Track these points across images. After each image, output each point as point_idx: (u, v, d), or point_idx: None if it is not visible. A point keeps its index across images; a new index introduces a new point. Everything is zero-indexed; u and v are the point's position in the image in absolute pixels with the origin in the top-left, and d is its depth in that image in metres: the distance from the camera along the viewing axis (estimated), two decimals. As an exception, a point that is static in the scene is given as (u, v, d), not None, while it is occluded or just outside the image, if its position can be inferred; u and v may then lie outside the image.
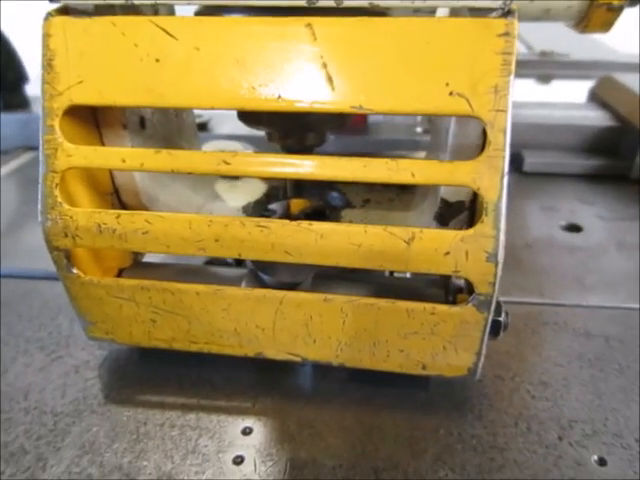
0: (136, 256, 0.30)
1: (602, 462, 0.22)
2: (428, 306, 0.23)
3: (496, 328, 0.25)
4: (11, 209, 0.45)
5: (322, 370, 0.27)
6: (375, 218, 0.33)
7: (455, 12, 0.25)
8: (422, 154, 0.39)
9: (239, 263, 0.33)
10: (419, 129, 0.53)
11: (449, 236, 0.21)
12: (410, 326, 0.23)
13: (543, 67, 0.83)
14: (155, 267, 0.29)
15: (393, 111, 0.21)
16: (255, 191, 0.38)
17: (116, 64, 0.22)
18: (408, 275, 0.30)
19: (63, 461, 0.23)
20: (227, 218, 0.22)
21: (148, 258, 0.31)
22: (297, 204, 0.33)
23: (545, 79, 0.85)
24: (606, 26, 0.43)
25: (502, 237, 0.21)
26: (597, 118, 0.50)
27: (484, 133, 0.21)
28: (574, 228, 0.40)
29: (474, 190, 0.21)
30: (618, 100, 0.50)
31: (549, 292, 0.33)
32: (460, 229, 0.22)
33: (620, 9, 0.41)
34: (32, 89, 0.61)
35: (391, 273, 0.32)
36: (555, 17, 0.43)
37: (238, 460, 0.23)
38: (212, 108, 0.23)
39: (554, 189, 0.45)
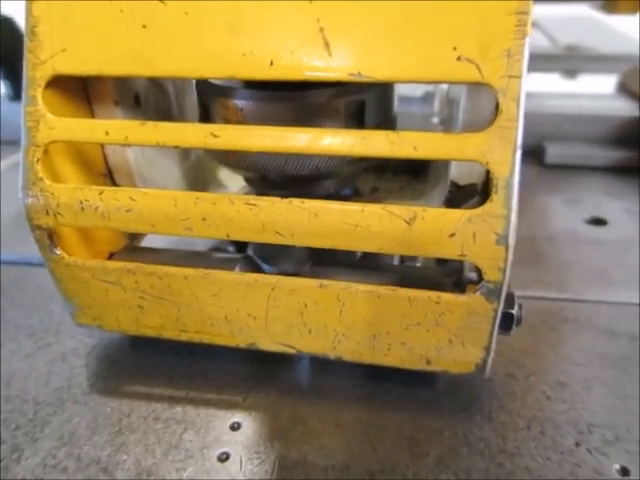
0: (131, 241, 0.29)
1: (625, 472, 0.20)
2: (432, 295, 0.21)
3: (508, 322, 0.23)
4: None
5: (319, 364, 0.26)
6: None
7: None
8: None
9: (241, 251, 0.32)
10: (436, 119, 0.50)
11: (455, 216, 0.19)
12: (413, 317, 0.21)
13: (569, 61, 0.80)
14: (146, 251, 0.27)
15: (395, 78, 0.19)
16: (260, 178, 0.36)
17: (101, 31, 0.21)
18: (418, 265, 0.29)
19: (39, 453, 0.22)
20: (214, 195, 0.21)
21: (146, 244, 0.30)
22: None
23: (571, 73, 0.82)
24: (633, 9, 0.40)
25: (514, 217, 0.19)
26: (624, 108, 0.47)
27: (497, 105, 0.19)
28: (599, 222, 0.37)
29: (483, 165, 0.19)
30: (648, 89, 0.48)
31: (571, 287, 0.30)
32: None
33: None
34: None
35: (402, 261, 0.30)
36: (583, -3, 0.40)
37: (223, 457, 0.21)
38: (202, 77, 0.21)
39: (578, 182, 0.42)
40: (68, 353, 0.27)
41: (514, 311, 0.23)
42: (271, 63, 0.20)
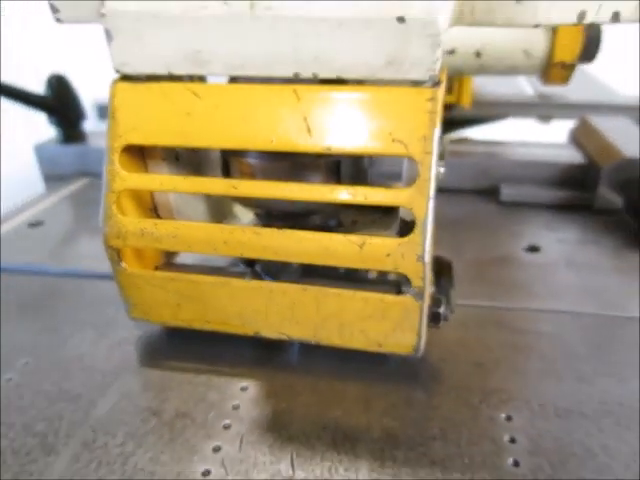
0: (168, 259, 0.39)
1: (509, 418, 0.29)
2: (379, 295, 0.30)
3: (436, 318, 0.32)
4: (70, 223, 0.55)
5: (306, 348, 0.35)
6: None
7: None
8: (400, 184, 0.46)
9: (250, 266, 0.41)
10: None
11: (390, 242, 0.29)
12: (367, 311, 0.31)
13: (542, 109, 0.90)
14: (181, 265, 0.37)
15: (352, 152, 0.29)
16: (265, 212, 0.46)
17: (159, 116, 0.31)
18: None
19: (108, 403, 0.31)
20: (232, 227, 0.31)
21: (179, 260, 0.40)
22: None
23: (545, 119, 0.92)
24: (564, 79, 0.51)
25: (428, 244, 0.28)
26: (568, 156, 0.57)
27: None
28: (534, 249, 0.47)
29: (409, 209, 0.29)
30: (588, 140, 0.57)
31: (499, 298, 0.40)
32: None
33: (572, 66, 0.50)
34: (89, 125, 0.72)
35: (379, 274, 0.39)
36: (521, 72, 0.52)
37: (236, 406, 0.31)
38: (225, 148, 0.31)
39: (524, 217, 0.52)
40: (122, 341, 0.37)
41: (441, 310, 0.32)
42: (272, 141, 0.30)
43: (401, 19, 0.27)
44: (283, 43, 0.29)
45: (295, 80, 0.30)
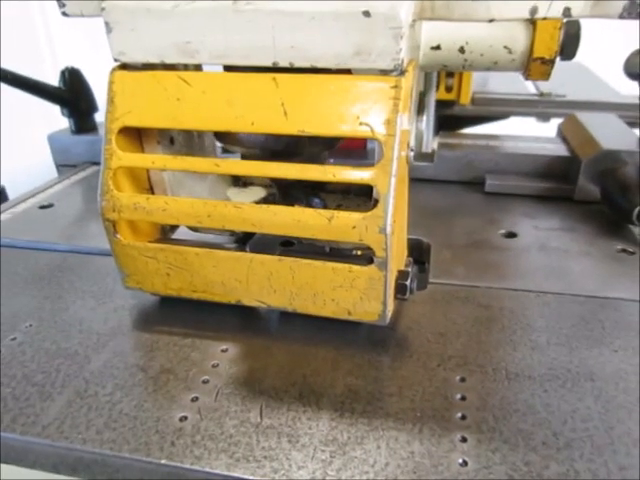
0: (164, 234, 0.42)
1: (462, 380, 0.32)
2: (347, 266, 0.33)
3: (403, 290, 0.35)
4: (78, 207, 0.59)
5: (286, 316, 0.38)
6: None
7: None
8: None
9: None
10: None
11: (355, 216, 0.32)
12: (337, 281, 0.34)
13: (541, 107, 0.92)
14: (173, 240, 0.40)
15: (324, 133, 0.32)
16: (255, 195, 0.49)
17: (153, 101, 0.35)
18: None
19: (101, 360, 0.35)
20: (216, 201, 0.34)
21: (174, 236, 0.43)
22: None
23: (544, 117, 0.94)
24: (544, 75, 0.54)
25: (389, 218, 0.31)
26: (553, 149, 0.59)
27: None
28: (510, 235, 0.49)
29: (374, 186, 0.31)
30: (572, 134, 0.60)
31: (469, 277, 0.42)
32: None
33: (552, 62, 0.52)
34: (100, 116, 0.76)
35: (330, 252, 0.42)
36: (503, 68, 0.54)
37: (216, 364, 0.34)
38: (211, 130, 0.35)
39: (506, 206, 0.54)
40: (118, 308, 0.40)
41: (407, 282, 0.35)
42: (252, 123, 0.33)
43: (367, 13, 0.30)
44: (262, 34, 0.32)
45: (274, 69, 0.33)
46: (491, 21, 0.31)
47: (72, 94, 0.71)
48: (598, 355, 0.34)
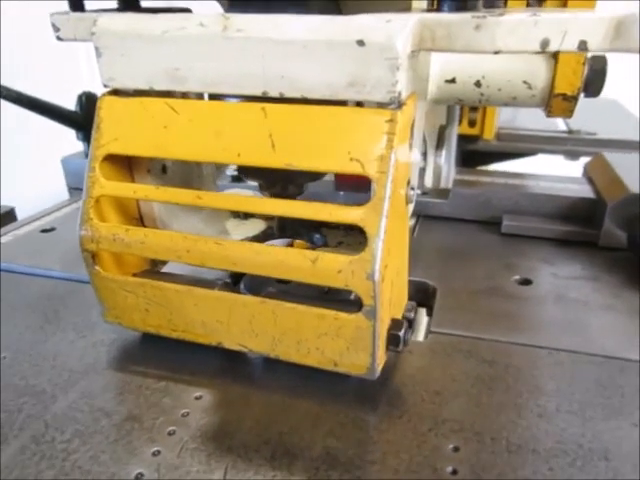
0: (152, 267, 0.40)
1: (456, 449, 0.28)
2: (332, 312, 0.30)
3: (396, 341, 0.32)
4: (79, 232, 0.58)
5: (270, 362, 0.35)
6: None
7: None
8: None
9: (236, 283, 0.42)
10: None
11: (342, 259, 0.29)
12: (322, 328, 0.31)
13: (571, 144, 0.89)
14: (157, 273, 0.38)
15: (312, 169, 0.30)
16: (255, 229, 0.47)
17: (139, 128, 0.33)
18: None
19: (66, 401, 0.32)
20: (196, 236, 0.32)
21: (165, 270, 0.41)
22: (299, 245, 0.42)
23: (573, 155, 0.90)
24: (567, 112, 0.51)
25: (378, 263, 0.28)
26: (577, 190, 0.55)
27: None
28: (525, 282, 0.45)
29: (363, 228, 0.29)
30: (599, 175, 0.56)
31: (475, 328, 0.39)
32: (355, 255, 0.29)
33: (574, 98, 0.49)
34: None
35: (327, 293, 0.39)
36: (522, 104, 0.52)
37: (186, 413, 0.31)
38: (197, 160, 0.33)
39: (523, 249, 0.51)
40: (97, 343, 0.38)
41: (400, 333, 0.32)
42: (239, 154, 0.31)
43: (361, 42, 0.28)
44: (252, 63, 0.30)
45: (264, 98, 0.31)
46: (497, 53, 0.28)
47: (88, 118, 0.71)
48: (615, 428, 0.30)
